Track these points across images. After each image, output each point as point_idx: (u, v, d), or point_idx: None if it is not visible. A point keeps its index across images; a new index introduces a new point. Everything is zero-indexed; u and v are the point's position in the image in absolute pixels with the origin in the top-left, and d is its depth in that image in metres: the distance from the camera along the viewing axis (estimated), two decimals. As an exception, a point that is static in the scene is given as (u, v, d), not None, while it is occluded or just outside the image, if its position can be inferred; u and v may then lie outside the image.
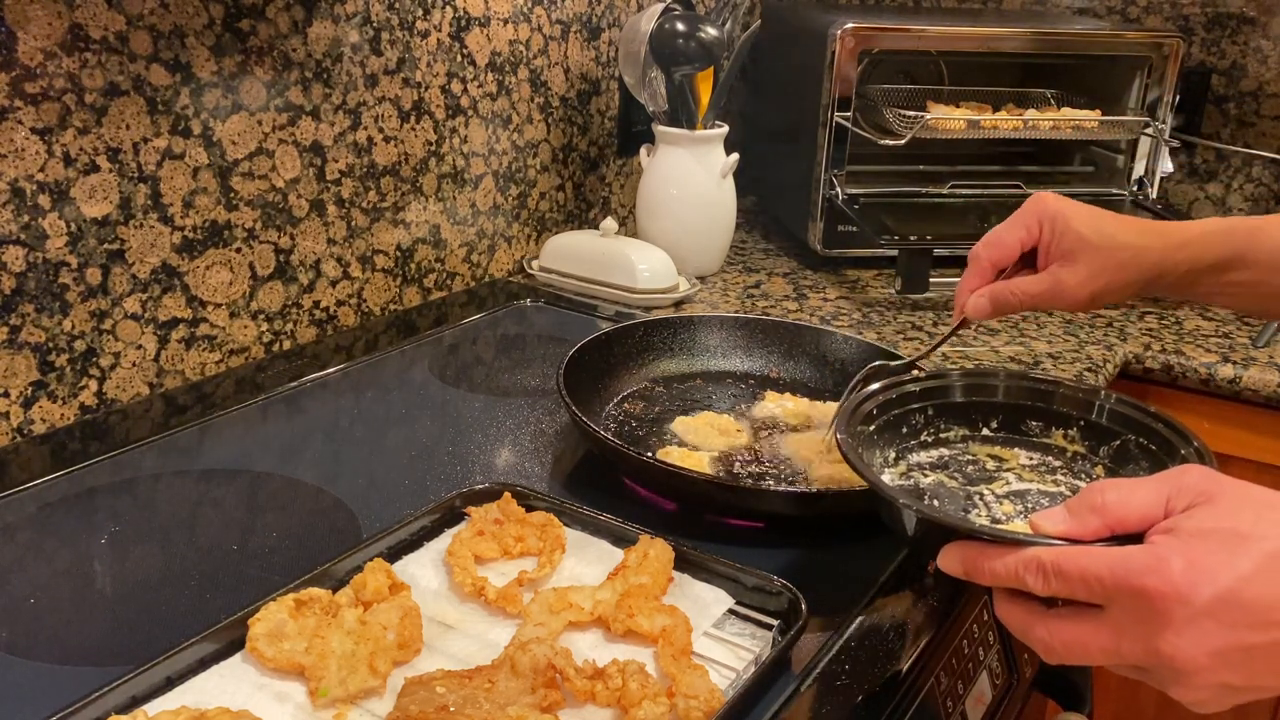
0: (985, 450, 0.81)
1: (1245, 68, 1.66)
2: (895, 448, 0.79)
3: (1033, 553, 0.56)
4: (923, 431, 0.81)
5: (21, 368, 0.90)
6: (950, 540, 0.61)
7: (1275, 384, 1.18)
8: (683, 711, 0.58)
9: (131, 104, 0.94)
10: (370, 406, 1.01)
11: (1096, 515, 0.56)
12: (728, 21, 1.37)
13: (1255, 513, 0.53)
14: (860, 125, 1.43)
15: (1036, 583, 0.56)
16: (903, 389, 0.80)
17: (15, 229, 0.88)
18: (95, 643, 0.66)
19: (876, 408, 0.78)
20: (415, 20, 1.20)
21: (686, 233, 1.40)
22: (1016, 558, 0.57)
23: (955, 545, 0.61)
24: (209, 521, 0.82)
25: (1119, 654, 0.54)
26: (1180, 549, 0.52)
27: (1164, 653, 0.52)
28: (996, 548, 0.58)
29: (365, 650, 0.61)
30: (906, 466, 0.79)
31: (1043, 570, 0.55)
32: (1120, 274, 0.81)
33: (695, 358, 1.07)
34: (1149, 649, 0.52)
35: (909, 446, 0.80)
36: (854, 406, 0.77)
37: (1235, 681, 0.52)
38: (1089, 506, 0.57)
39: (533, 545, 0.74)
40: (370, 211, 1.20)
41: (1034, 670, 0.87)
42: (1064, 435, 0.80)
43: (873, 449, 0.77)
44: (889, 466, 0.78)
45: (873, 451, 0.77)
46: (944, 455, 0.80)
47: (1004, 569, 0.57)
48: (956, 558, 0.60)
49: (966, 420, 0.82)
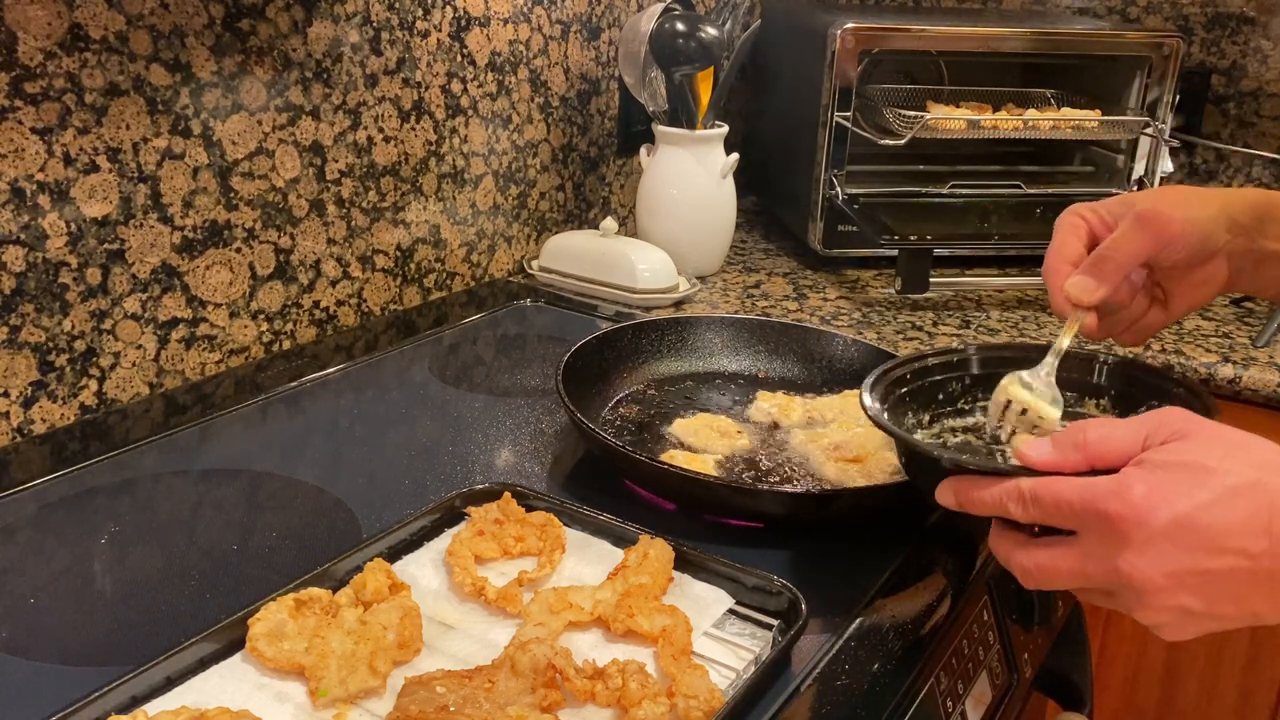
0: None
1: (1245, 68, 1.66)
2: (930, 411, 0.81)
3: (1014, 483, 0.60)
4: (959, 399, 0.82)
5: (21, 368, 0.90)
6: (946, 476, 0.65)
7: (1275, 384, 1.18)
8: (683, 711, 0.58)
9: (131, 104, 0.94)
10: (370, 406, 1.01)
11: (1079, 451, 0.60)
12: (728, 21, 1.37)
13: (1224, 450, 0.56)
14: (860, 125, 1.43)
15: (1017, 509, 0.60)
16: (932, 360, 0.81)
17: (15, 229, 0.88)
18: (95, 643, 0.66)
19: (910, 373, 0.79)
20: (415, 20, 1.20)
21: (686, 233, 1.40)
22: (1001, 488, 0.61)
23: (950, 480, 0.65)
24: (209, 521, 0.82)
25: (1086, 575, 0.58)
26: (1143, 477, 0.56)
27: (1123, 571, 0.55)
28: (986, 479, 0.62)
29: (365, 650, 0.61)
30: (939, 429, 0.80)
31: (1022, 498, 0.60)
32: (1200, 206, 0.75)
33: (698, 358, 1.07)
34: (1110, 569, 0.56)
35: (944, 413, 0.81)
36: (885, 369, 0.78)
37: (1194, 606, 0.55)
38: (1073, 443, 0.60)
39: (533, 545, 0.74)
40: (370, 211, 1.20)
41: (1034, 670, 0.87)
42: (1096, 405, 0.81)
43: (902, 409, 0.78)
44: (921, 428, 0.79)
45: (903, 413, 0.78)
46: (978, 422, 0.81)
47: (990, 497, 0.61)
48: (950, 490, 0.65)
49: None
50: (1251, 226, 0.77)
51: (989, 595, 0.81)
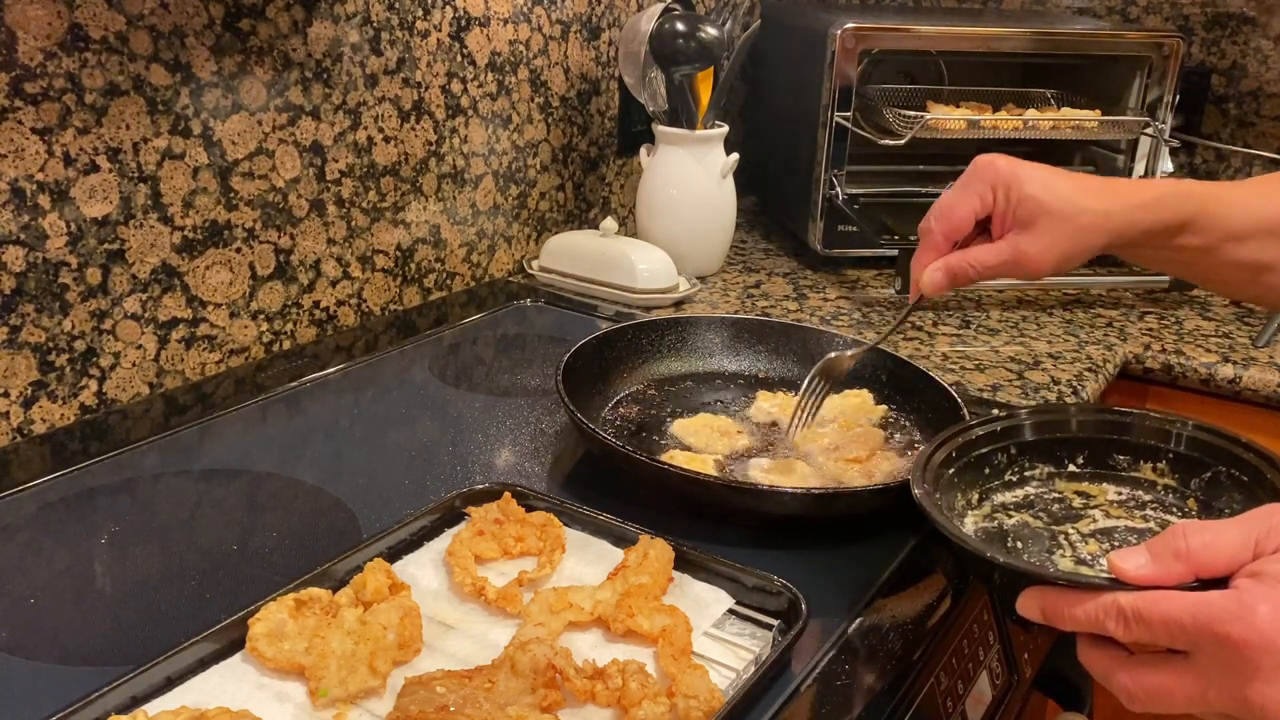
0: (1072, 487, 0.78)
1: (1245, 68, 1.66)
2: (978, 489, 0.77)
3: (1112, 598, 0.55)
4: (1006, 471, 0.78)
5: (21, 368, 0.90)
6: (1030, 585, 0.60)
7: (1275, 384, 1.18)
8: (683, 711, 0.58)
9: (131, 104, 0.94)
10: (370, 406, 1.01)
11: (1180, 561, 0.54)
12: (728, 21, 1.37)
13: None
14: (860, 125, 1.43)
15: (1117, 629, 0.55)
16: (978, 431, 0.78)
17: (15, 229, 0.88)
18: (95, 643, 0.66)
19: (955, 450, 0.76)
20: (415, 20, 1.20)
21: (686, 233, 1.40)
22: (1096, 604, 0.56)
23: (1034, 590, 0.60)
24: (209, 521, 0.82)
25: (1206, 702, 0.53)
26: (1266, 595, 0.51)
27: (1254, 701, 0.51)
28: (1076, 593, 0.57)
29: (365, 650, 0.61)
30: (990, 508, 0.76)
31: (1123, 616, 0.55)
32: (1083, 239, 0.77)
33: (698, 358, 1.07)
34: (1237, 698, 0.51)
35: (993, 487, 0.78)
36: (929, 452, 0.75)
37: None
38: (1173, 552, 0.55)
39: (533, 545, 0.74)
40: (370, 211, 1.20)
41: (1034, 670, 0.87)
42: (1153, 468, 0.77)
43: (953, 492, 0.75)
44: (972, 509, 0.76)
45: (954, 495, 0.74)
46: (1029, 494, 0.77)
47: (1084, 615, 0.57)
48: (1035, 603, 0.60)
49: (1051, 457, 0.79)
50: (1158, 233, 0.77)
51: (989, 595, 0.81)
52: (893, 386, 1.00)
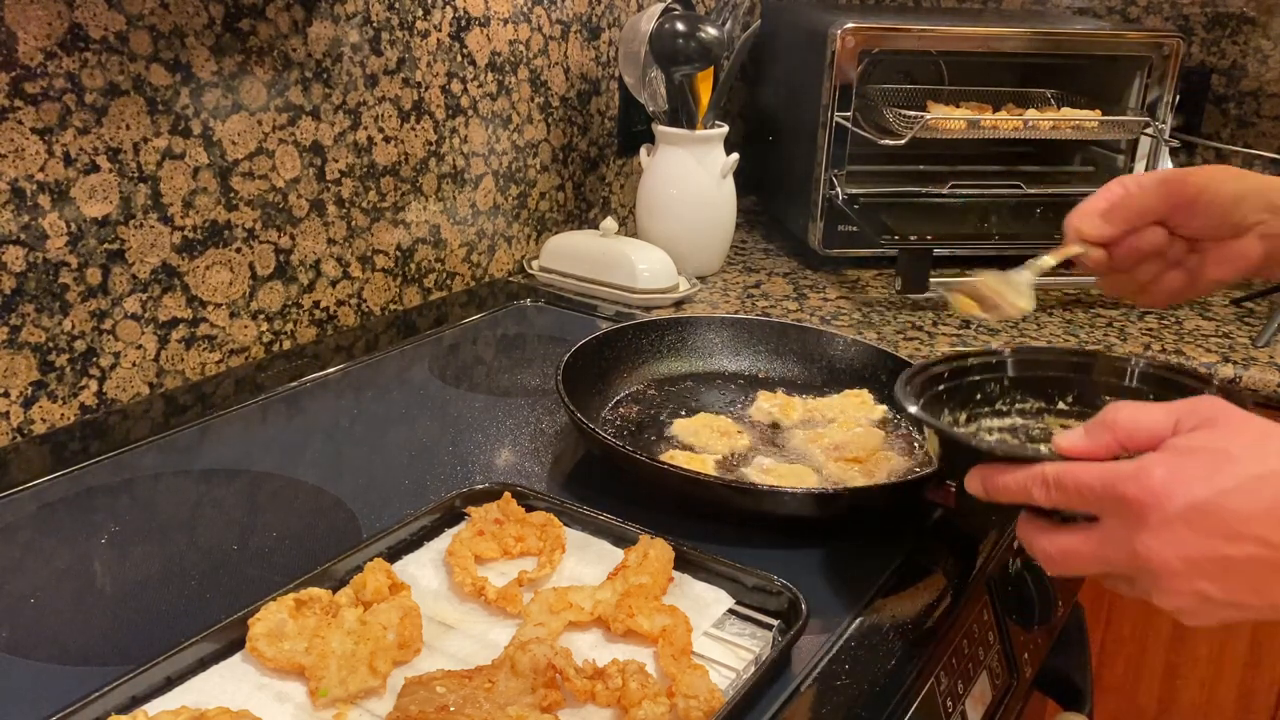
0: (1059, 422, 0.80)
1: (1245, 68, 1.66)
2: (967, 411, 0.80)
3: (1040, 468, 0.60)
4: (998, 400, 0.81)
5: (21, 368, 0.90)
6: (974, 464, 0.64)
7: (1275, 384, 1.18)
8: (683, 711, 0.58)
9: (131, 104, 0.94)
10: (370, 406, 1.01)
11: (1108, 431, 0.59)
12: (728, 21, 1.37)
13: (1251, 439, 0.55)
14: (860, 125, 1.43)
15: (1040, 494, 0.59)
16: (973, 361, 0.80)
17: (15, 229, 0.88)
18: (95, 643, 0.66)
19: (949, 371, 0.78)
20: (415, 20, 1.20)
21: (686, 233, 1.40)
22: (1025, 473, 0.60)
23: (978, 467, 0.64)
24: (209, 521, 0.82)
25: (1105, 560, 0.58)
26: (1164, 461, 0.55)
27: (1140, 554, 0.55)
28: (1011, 466, 0.62)
29: (365, 650, 0.61)
30: (976, 427, 0.79)
31: (1045, 482, 0.59)
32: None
33: (698, 358, 1.07)
34: (1129, 552, 0.56)
35: (982, 412, 0.80)
36: (923, 366, 0.77)
37: (1212, 592, 0.54)
38: (1102, 424, 0.59)
39: (533, 545, 0.74)
40: (370, 211, 1.20)
41: (1034, 670, 0.87)
42: None
43: (939, 406, 0.77)
44: (958, 427, 0.78)
45: (939, 408, 0.77)
46: (1016, 424, 0.80)
47: (1014, 483, 0.61)
48: (977, 477, 0.64)
49: (1043, 395, 0.81)
50: None
51: (989, 595, 0.81)
52: (893, 386, 1.00)
